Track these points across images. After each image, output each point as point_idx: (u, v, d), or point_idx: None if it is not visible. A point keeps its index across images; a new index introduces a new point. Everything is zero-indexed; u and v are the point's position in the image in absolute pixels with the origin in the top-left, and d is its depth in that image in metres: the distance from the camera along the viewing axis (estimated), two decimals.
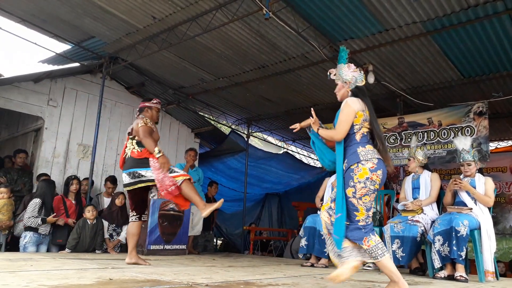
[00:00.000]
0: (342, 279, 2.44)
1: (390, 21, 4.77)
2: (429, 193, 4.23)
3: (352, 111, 2.57)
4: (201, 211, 3.71)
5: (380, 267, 2.49)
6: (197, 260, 4.76)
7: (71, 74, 6.89)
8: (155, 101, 4.35)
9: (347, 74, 2.69)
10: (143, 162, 3.82)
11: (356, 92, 2.69)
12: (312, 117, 2.82)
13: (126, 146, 4.00)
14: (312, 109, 2.96)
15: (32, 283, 2.29)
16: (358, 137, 2.58)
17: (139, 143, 3.92)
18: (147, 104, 4.29)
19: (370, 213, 2.50)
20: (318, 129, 2.79)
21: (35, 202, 4.96)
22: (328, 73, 2.82)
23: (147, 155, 3.86)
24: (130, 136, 4.02)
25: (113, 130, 7.27)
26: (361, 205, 2.46)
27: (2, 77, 6.31)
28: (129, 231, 3.95)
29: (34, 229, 4.92)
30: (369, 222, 2.49)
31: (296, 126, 2.91)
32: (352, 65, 2.74)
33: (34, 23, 5.87)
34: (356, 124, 2.60)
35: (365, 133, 2.60)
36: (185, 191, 3.75)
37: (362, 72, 2.74)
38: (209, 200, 7.05)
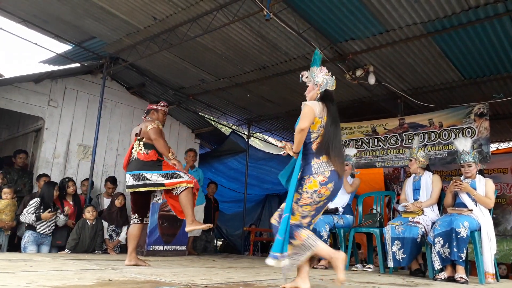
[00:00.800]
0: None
1: (391, 22, 4.76)
2: (430, 195, 4.22)
3: (312, 111, 2.56)
4: (186, 225, 3.72)
5: (318, 253, 2.51)
6: (196, 261, 4.76)
7: (72, 75, 6.90)
8: (162, 104, 4.32)
9: (319, 77, 2.70)
10: (149, 165, 3.80)
11: (324, 95, 2.69)
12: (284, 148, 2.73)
13: (133, 147, 3.95)
14: (280, 143, 2.85)
15: (31, 284, 2.29)
16: (314, 147, 2.59)
17: (147, 145, 3.89)
18: (154, 106, 4.27)
19: (304, 221, 2.54)
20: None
21: (34, 201, 4.97)
22: (301, 75, 2.82)
23: (154, 157, 3.84)
24: (138, 138, 3.96)
25: (113, 130, 7.27)
26: (299, 211, 2.53)
27: (2, 78, 6.32)
28: (130, 233, 3.94)
29: (33, 228, 4.92)
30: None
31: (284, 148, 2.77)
32: (325, 68, 2.76)
33: (35, 24, 5.87)
34: (313, 132, 2.60)
35: (322, 143, 2.59)
36: (181, 200, 3.73)
37: (333, 77, 2.76)
38: (209, 200, 7.06)
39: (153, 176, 3.75)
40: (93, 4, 5.07)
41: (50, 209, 5.02)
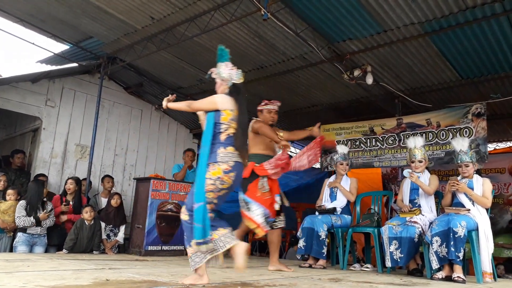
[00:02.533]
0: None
1: (388, 22, 4.77)
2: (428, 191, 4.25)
3: (213, 102, 2.75)
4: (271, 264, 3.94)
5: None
6: None
7: (69, 74, 6.89)
8: (263, 103, 4.34)
9: (225, 72, 2.86)
10: None
11: (232, 89, 2.85)
12: None
13: None
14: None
15: (28, 284, 2.28)
16: (223, 137, 2.72)
17: None
18: (258, 107, 4.34)
19: (208, 207, 2.58)
20: None
21: (20, 204, 4.95)
22: (209, 72, 2.95)
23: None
24: None
25: (111, 130, 7.26)
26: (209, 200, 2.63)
27: (0, 77, 6.30)
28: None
29: (23, 230, 4.90)
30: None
31: None
32: (230, 63, 2.89)
33: (32, 23, 5.87)
34: (223, 123, 2.73)
35: (231, 134, 2.73)
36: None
37: (239, 70, 2.90)
38: None
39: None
40: (90, 3, 5.06)
41: (45, 210, 5.01)
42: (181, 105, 2.89)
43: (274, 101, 4.33)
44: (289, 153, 4.05)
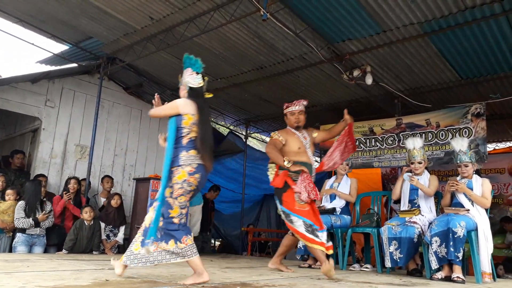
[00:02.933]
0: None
1: (388, 22, 4.77)
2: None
3: (175, 107, 2.83)
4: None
5: (191, 264, 2.71)
6: None
7: (69, 75, 6.89)
8: (284, 106, 4.17)
9: (184, 78, 2.97)
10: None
11: (190, 93, 2.91)
12: None
13: None
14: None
15: (28, 284, 2.28)
16: (184, 141, 2.78)
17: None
18: (284, 113, 4.15)
19: (184, 211, 2.73)
20: None
21: (19, 205, 4.94)
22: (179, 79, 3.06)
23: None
24: None
25: (110, 130, 7.26)
26: (176, 204, 2.69)
27: (0, 78, 6.31)
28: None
29: (23, 230, 4.90)
30: (183, 222, 2.74)
31: None
32: (190, 69, 2.99)
33: (32, 24, 5.86)
34: (185, 127, 2.79)
35: (193, 138, 2.80)
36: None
37: (200, 75, 2.98)
38: (206, 201, 7.05)
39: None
40: (89, 4, 5.06)
41: (44, 211, 5.01)
42: (152, 112, 3.00)
43: (297, 101, 4.11)
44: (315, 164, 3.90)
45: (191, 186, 2.71)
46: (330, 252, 3.54)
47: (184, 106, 2.82)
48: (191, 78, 2.95)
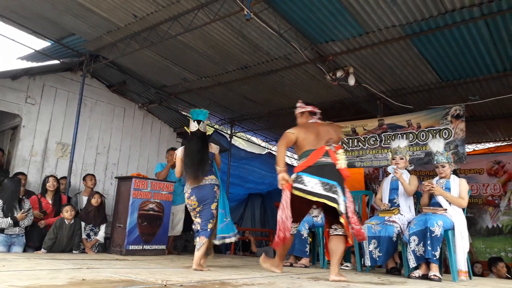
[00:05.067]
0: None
1: (370, 24, 4.83)
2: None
3: (178, 159, 4.13)
4: (332, 274, 3.22)
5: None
6: (176, 261, 4.74)
7: (51, 72, 6.77)
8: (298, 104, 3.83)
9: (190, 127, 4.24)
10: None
11: (188, 137, 4.24)
12: None
13: (331, 152, 3.43)
14: None
15: (1, 284, 2.25)
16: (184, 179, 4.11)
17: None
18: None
19: (198, 220, 3.96)
20: None
21: None
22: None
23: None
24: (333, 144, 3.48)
25: (93, 128, 7.17)
26: (193, 217, 4.04)
27: None
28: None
29: (0, 230, 4.79)
30: (200, 227, 3.94)
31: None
32: (191, 120, 4.22)
33: (13, 19, 5.74)
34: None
35: (184, 174, 4.11)
36: (336, 243, 3.32)
37: (195, 122, 4.19)
38: None
39: (342, 195, 3.26)
40: (73, 1, 4.99)
41: (23, 209, 4.91)
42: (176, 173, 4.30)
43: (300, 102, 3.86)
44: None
45: (192, 206, 3.97)
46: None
47: (180, 155, 4.12)
48: (191, 125, 4.16)
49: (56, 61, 6.77)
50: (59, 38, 6.21)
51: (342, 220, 3.17)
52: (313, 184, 3.24)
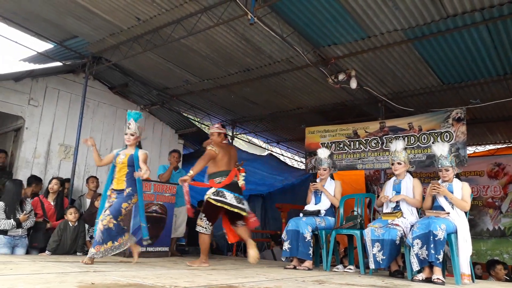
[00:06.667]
0: None
1: (372, 28, 4.87)
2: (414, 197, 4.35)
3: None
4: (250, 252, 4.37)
5: None
6: (179, 263, 4.76)
7: (53, 74, 6.80)
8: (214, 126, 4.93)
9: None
10: None
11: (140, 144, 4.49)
12: None
13: (237, 173, 4.68)
14: None
15: None
16: None
17: None
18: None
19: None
20: None
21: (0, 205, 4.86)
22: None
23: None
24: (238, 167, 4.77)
25: (95, 130, 7.20)
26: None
27: None
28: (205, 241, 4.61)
29: (4, 232, 4.82)
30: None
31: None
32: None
33: (16, 21, 5.78)
34: None
35: None
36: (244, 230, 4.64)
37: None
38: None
39: (246, 204, 4.58)
40: (75, 3, 5.02)
41: (25, 211, 4.93)
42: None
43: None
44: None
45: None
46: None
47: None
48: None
49: (58, 63, 6.80)
50: (61, 40, 6.24)
51: (246, 217, 4.59)
52: (230, 197, 4.44)
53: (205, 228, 4.45)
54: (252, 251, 4.31)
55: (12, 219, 4.81)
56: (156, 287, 2.58)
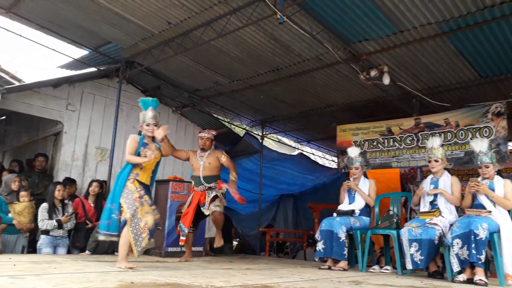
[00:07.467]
0: None
1: (405, 23, 4.74)
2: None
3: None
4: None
5: None
6: (214, 263, 4.82)
7: (89, 79, 7.02)
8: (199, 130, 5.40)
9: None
10: None
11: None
12: None
13: None
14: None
15: (57, 286, 2.37)
16: None
17: None
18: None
19: None
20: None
21: (43, 206, 5.07)
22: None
23: None
24: None
25: (130, 133, 7.29)
26: None
27: (23, 83, 6.47)
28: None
29: (46, 232, 5.02)
30: None
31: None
32: None
33: (52, 30, 6.02)
34: None
35: None
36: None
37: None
38: None
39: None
40: (109, 10, 5.17)
41: (66, 213, 5.13)
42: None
43: (208, 130, 5.30)
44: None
45: None
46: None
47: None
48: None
49: (93, 69, 7.03)
50: (96, 46, 6.44)
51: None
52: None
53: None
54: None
55: (54, 220, 5.01)
56: (193, 287, 2.62)
